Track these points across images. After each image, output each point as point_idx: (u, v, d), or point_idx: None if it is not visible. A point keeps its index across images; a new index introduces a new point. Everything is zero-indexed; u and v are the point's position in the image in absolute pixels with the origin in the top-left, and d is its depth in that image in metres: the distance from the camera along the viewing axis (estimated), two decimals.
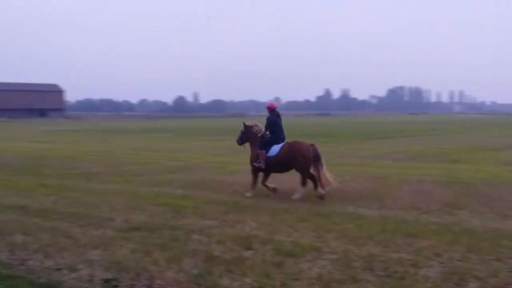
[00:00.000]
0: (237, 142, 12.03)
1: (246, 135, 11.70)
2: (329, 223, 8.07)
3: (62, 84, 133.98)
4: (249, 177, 11.37)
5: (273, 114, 11.29)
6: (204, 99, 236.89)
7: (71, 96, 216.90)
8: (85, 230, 7.71)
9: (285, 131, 11.39)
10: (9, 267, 5.92)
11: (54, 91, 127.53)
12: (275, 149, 10.90)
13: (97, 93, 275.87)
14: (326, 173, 10.47)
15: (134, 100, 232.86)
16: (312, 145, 10.73)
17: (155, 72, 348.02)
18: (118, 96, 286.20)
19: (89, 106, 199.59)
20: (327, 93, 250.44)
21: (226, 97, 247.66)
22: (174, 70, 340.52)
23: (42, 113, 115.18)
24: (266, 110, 11.38)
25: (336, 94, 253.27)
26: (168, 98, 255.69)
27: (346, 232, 7.52)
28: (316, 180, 10.57)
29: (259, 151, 11.06)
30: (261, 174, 11.24)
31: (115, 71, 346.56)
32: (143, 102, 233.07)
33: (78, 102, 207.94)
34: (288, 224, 8.06)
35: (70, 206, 9.71)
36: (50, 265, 6.08)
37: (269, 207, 9.47)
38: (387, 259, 6.16)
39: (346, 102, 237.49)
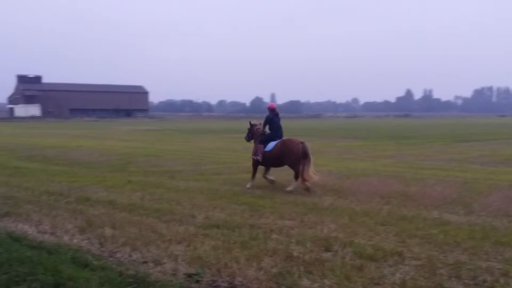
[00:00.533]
0: (245, 139, 13.51)
1: (251, 133, 13.07)
2: (412, 228, 7.79)
3: (147, 86, 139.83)
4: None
5: (272, 114, 12.53)
6: (280, 100, 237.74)
7: (155, 97, 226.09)
8: (169, 226, 8.00)
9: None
10: (99, 259, 6.25)
11: (140, 93, 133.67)
12: (271, 145, 12.13)
13: (178, 95, 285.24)
14: (311, 169, 11.41)
15: (213, 101, 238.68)
16: (302, 142, 11.69)
17: (234, 74, 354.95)
18: (198, 97, 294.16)
19: (171, 107, 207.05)
20: (408, 93, 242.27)
21: (303, 98, 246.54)
22: (252, 72, 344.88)
23: (128, 113, 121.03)
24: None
25: (417, 94, 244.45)
26: (246, 99, 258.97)
27: (430, 237, 7.22)
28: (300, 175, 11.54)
29: (258, 146, 12.42)
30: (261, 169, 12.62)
31: (196, 74, 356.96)
32: (221, 103, 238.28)
33: (161, 103, 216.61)
34: (368, 227, 7.88)
35: (155, 202, 10.12)
36: (137, 258, 6.36)
37: (348, 209, 9.31)
38: (475, 267, 5.85)
39: (428, 103, 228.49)
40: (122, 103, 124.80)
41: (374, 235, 7.41)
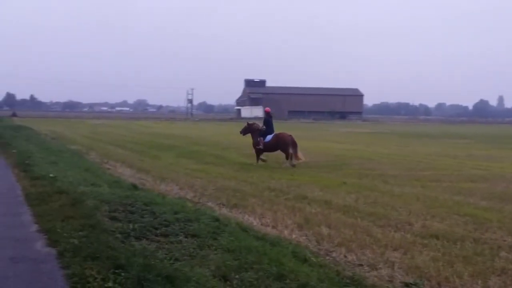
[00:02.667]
0: (240, 133, 19.04)
1: (249, 129, 18.54)
2: None
3: (362, 89, 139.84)
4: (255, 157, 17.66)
5: (268, 116, 18.68)
6: (510, 103, 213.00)
7: (369, 99, 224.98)
8: (384, 231, 7.88)
9: None
10: (317, 256, 6.47)
11: (355, 95, 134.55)
12: (268, 137, 17.60)
13: (393, 97, 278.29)
14: (299, 153, 17.04)
15: (431, 104, 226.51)
16: (290, 135, 17.40)
17: (455, 74, 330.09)
18: (415, 100, 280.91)
19: (385, 110, 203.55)
20: None
21: None
22: (476, 71, 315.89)
23: (342, 115, 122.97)
24: None
25: None
26: (468, 101, 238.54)
27: None
28: (289, 157, 17.07)
29: (259, 139, 17.60)
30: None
31: (412, 75, 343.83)
32: (440, 106, 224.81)
33: (375, 105, 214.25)
34: None
35: (369, 205, 10.07)
36: (352, 259, 6.41)
37: None
38: None
39: None
40: (337, 106, 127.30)
41: None
